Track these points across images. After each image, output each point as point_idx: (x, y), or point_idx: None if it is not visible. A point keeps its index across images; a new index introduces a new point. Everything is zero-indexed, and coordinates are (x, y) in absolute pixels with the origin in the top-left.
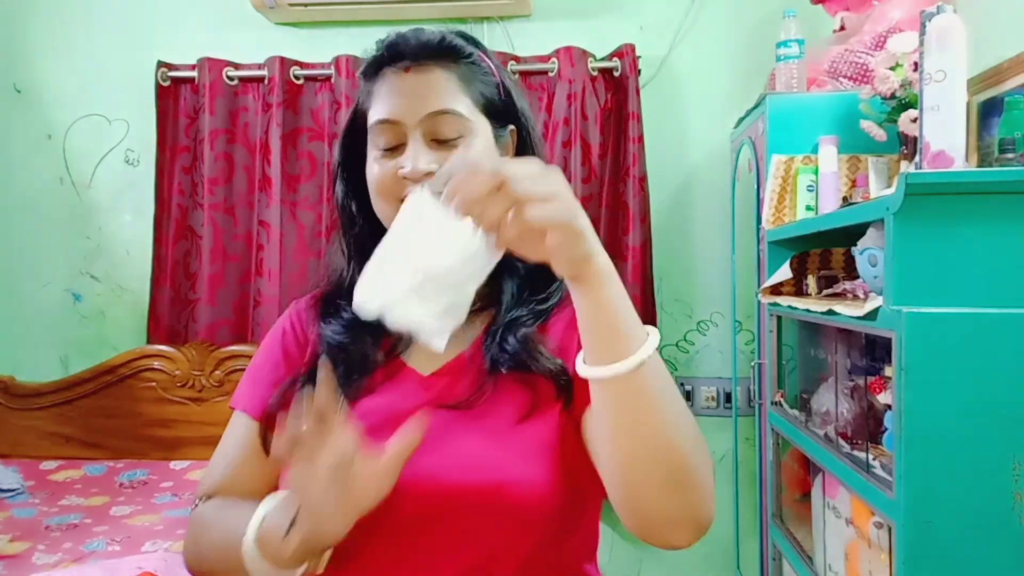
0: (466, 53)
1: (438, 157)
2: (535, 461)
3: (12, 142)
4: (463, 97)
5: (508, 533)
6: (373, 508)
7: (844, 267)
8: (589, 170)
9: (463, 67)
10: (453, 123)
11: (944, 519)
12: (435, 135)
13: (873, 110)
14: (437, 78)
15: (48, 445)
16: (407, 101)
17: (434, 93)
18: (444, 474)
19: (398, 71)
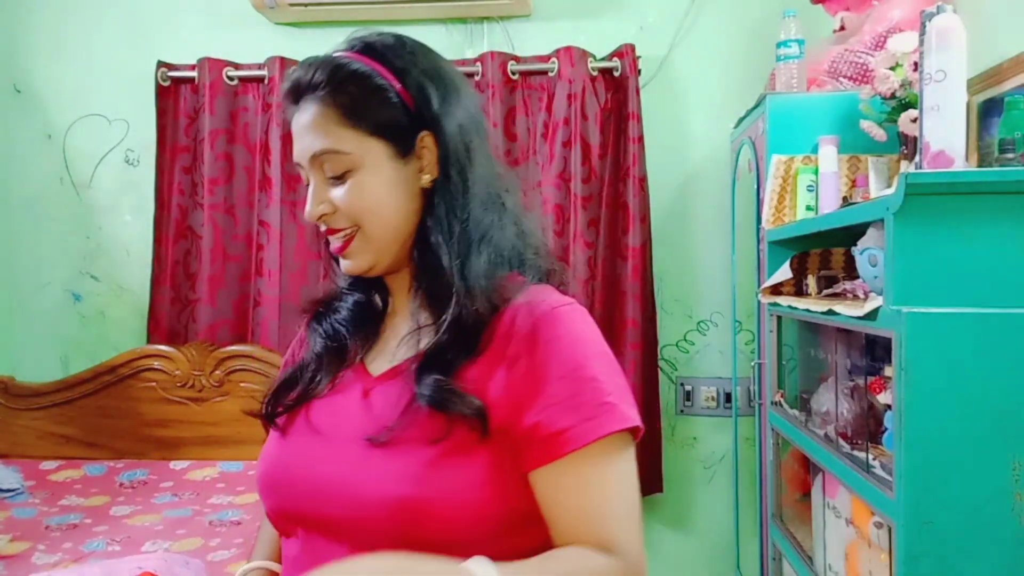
0: (347, 74)
1: (334, 194)
2: (440, 483)
3: (12, 142)
4: (343, 130)
5: (409, 549)
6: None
7: (844, 267)
8: (589, 170)
9: (344, 95)
10: (336, 161)
11: (944, 519)
12: (326, 173)
13: (873, 110)
14: (314, 115)
15: (48, 445)
16: (299, 143)
17: (313, 133)
18: (354, 482)
19: (293, 108)
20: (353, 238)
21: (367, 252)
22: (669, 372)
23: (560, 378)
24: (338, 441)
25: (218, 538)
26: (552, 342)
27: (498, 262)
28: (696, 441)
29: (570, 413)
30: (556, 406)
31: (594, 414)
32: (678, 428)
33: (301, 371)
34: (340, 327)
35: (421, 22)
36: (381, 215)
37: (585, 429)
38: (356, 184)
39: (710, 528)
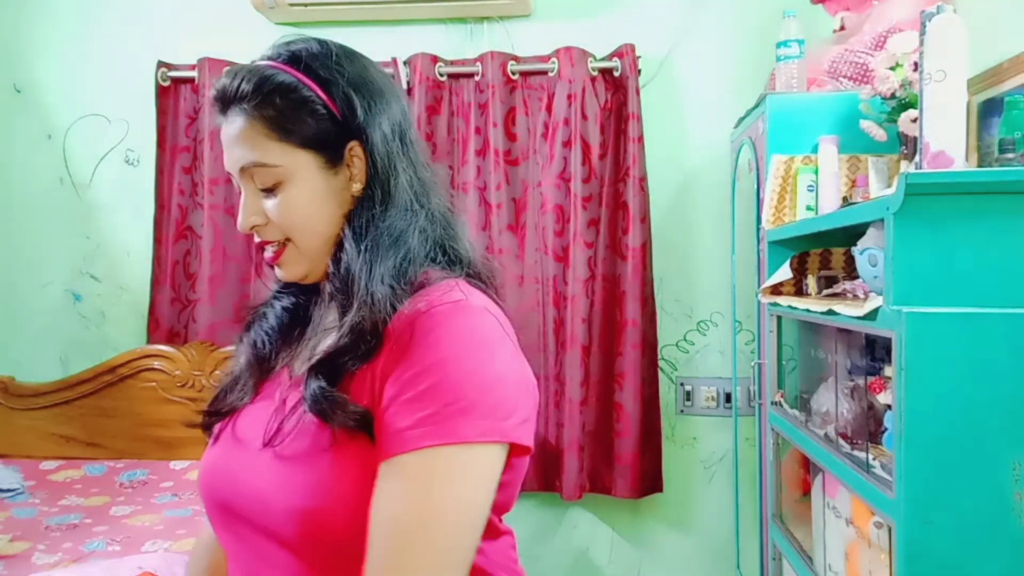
0: (272, 86)
1: (266, 205)
2: (337, 491)
3: (12, 142)
4: (269, 143)
5: (315, 560)
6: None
7: (844, 267)
8: (589, 170)
9: (269, 107)
10: (263, 174)
11: (944, 519)
12: (258, 185)
13: (873, 110)
14: (239, 127)
15: (48, 445)
16: (226, 154)
17: (239, 146)
18: (257, 493)
19: (222, 120)
20: (284, 248)
21: (299, 263)
22: (669, 372)
23: (412, 377)
24: (254, 449)
25: None
26: (412, 343)
27: (406, 267)
28: (696, 441)
29: (404, 417)
30: (396, 405)
31: (423, 423)
32: (678, 428)
33: (234, 380)
34: (265, 335)
35: (421, 22)
36: (310, 227)
37: (409, 436)
38: (286, 197)
39: (710, 528)
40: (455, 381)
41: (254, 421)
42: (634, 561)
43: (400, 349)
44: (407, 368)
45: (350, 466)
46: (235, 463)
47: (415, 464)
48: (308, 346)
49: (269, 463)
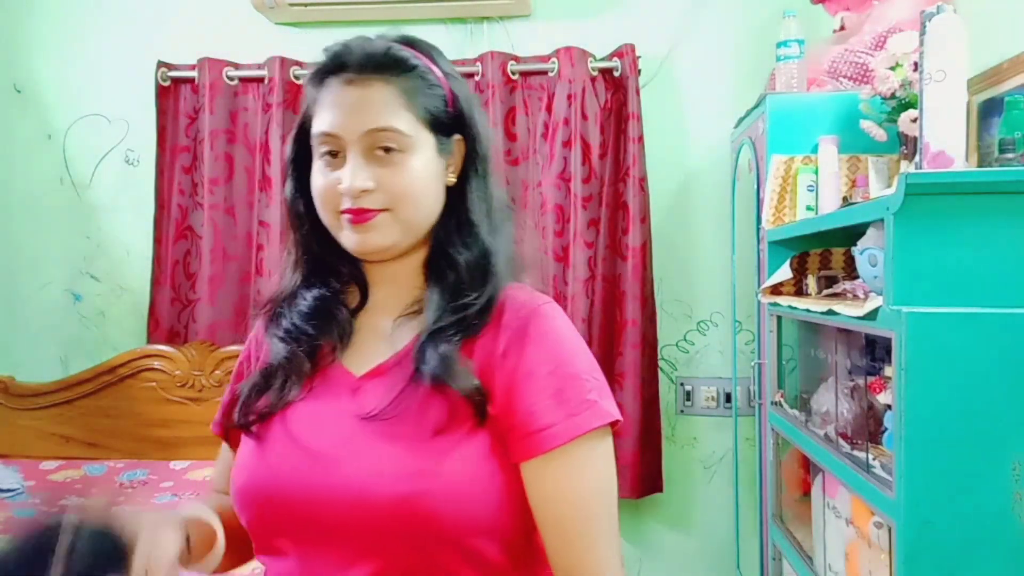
0: (411, 65)
1: (376, 173)
2: (447, 474)
3: (12, 142)
4: (404, 112)
5: (419, 545)
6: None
7: (844, 267)
8: (589, 170)
9: (408, 80)
10: (392, 139)
11: (944, 519)
12: (375, 150)
13: (873, 110)
14: (378, 92)
15: (48, 445)
16: (347, 116)
17: (374, 109)
18: (353, 483)
19: (341, 83)
20: (380, 213)
21: (392, 231)
22: (669, 372)
23: (547, 374)
24: (329, 445)
25: None
26: (539, 339)
27: (512, 257)
28: (696, 441)
29: (556, 409)
30: (543, 402)
31: (578, 411)
32: (678, 428)
33: (269, 376)
34: (304, 325)
35: (421, 22)
36: (420, 199)
37: (570, 425)
38: (406, 165)
39: (710, 528)
40: (585, 373)
41: (318, 417)
42: (634, 561)
43: (520, 341)
44: (543, 363)
45: (460, 450)
46: (305, 462)
47: (581, 450)
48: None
49: (360, 452)
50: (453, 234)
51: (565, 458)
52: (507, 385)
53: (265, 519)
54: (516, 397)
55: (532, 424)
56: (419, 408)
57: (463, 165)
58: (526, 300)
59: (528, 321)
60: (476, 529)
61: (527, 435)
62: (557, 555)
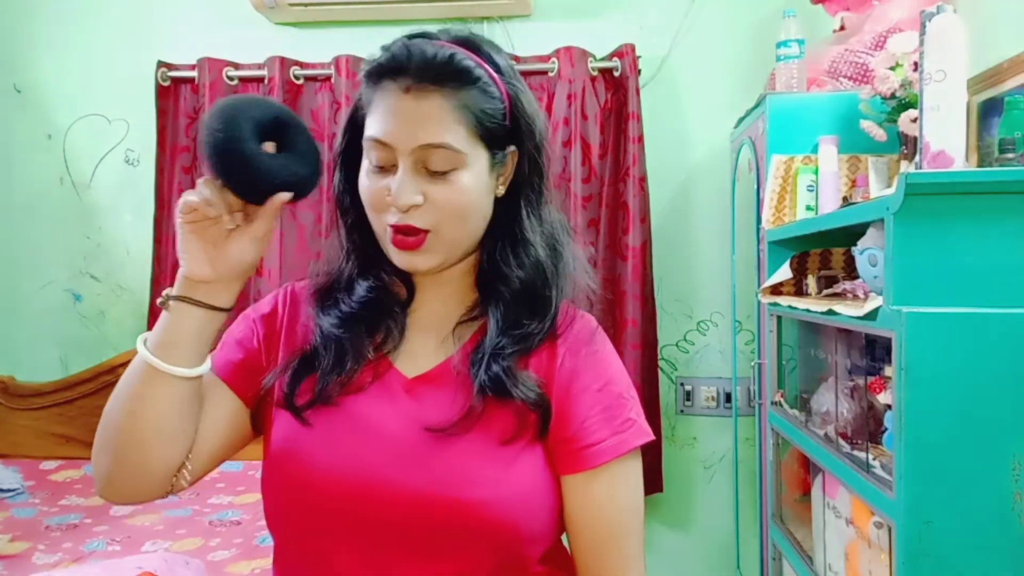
0: (473, 78)
1: (427, 187)
2: (512, 484)
3: (12, 142)
4: (459, 128)
5: (476, 551)
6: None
7: (844, 267)
8: (589, 170)
9: (468, 93)
10: (445, 157)
11: (944, 519)
12: (427, 165)
13: (873, 110)
14: (435, 106)
15: (48, 445)
16: (402, 127)
17: (430, 123)
18: (418, 487)
19: (398, 89)
20: (426, 238)
21: (439, 253)
22: (669, 372)
23: (598, 391)
24: (400, 448)
25: (218, 538)
26: (591, 356)
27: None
28: (696, 441)
29: (604, 426)
30: (594, 418)
31: (623, 428)
32: (678, 428)
33: (319, 356)
34: (362, 313)
35: (421, 22)
36: (469, 217)
37: (617, 443)
38: (458, 183)
39: (710, 528)
40: (627, 392)
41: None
42: None
43: (574, 357)
44: (595, 379)
45: (524, 459)
46: (367, 454)
47: (623, 467)
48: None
49: (428, 454)
50: (506, 248)
51: (608, 474)
52: (562, 398)
53: (323, 515)
54: (570, 411)
55: (584, 439)
56: (484, 418)
57: (515, 178)
58: (577, 317)
59: (580, 337)
60: (530, 537)
61: (578, 450)
62: (589, 565)
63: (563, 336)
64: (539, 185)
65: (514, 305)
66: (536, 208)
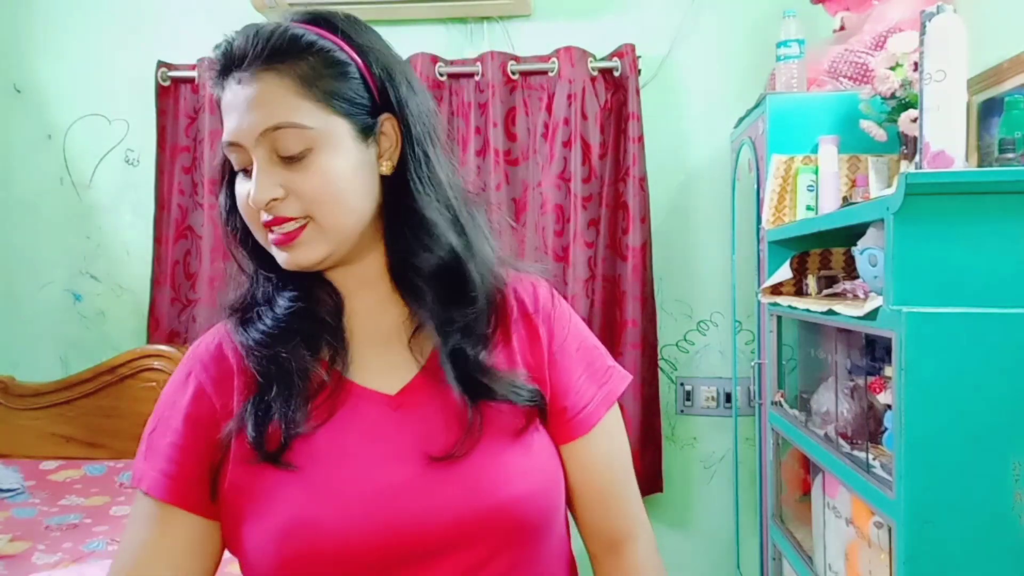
0: (304, 45)
1: (286, 177)
2: (539, 470)
3: (12, 142)
4: (303, 102)
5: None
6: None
7: (844, 267)
8: (589, 170)
9: (303, 64)
10: (294, 137)
11: (944, 519)
12: (278, 152)
13: (873, 110)
14: (269, 87)
15: (48, 445)
16: (241, 119)
17: (266, 106)
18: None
19: (233, 83)
20: (304, 228)
21: (320, 243)
22: (669, 372)
23: (576, 351)
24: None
25: None
26: (561, 320)
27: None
28: (696, 441)
29: (590, 385)
30: (579, 380)
31: (606, 380)
32: (678, 428)
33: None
34: (291, 325)
35: (421, 22)
36: (343, 200)
37: (603, 396)
38: (317, 165)
39: (710, 528)
40: (596, 341)
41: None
42: None
43: (548, 324)
44: (572, 340)
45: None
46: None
47: (612, 420)
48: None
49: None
50: (406, 235)
51: (601, 430)
52: (553, 371)
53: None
54: (562, 381)
55: (575, 405)
56: (486, 419)
57: (402, 149)
58: (537, 285)
59: (544, 303)
60: (549, 523)
61: (573, 417)
62: (596, 520)
63: (535, 309)
64: (426, 152)
65: (439, 297)
66: (427, 179)
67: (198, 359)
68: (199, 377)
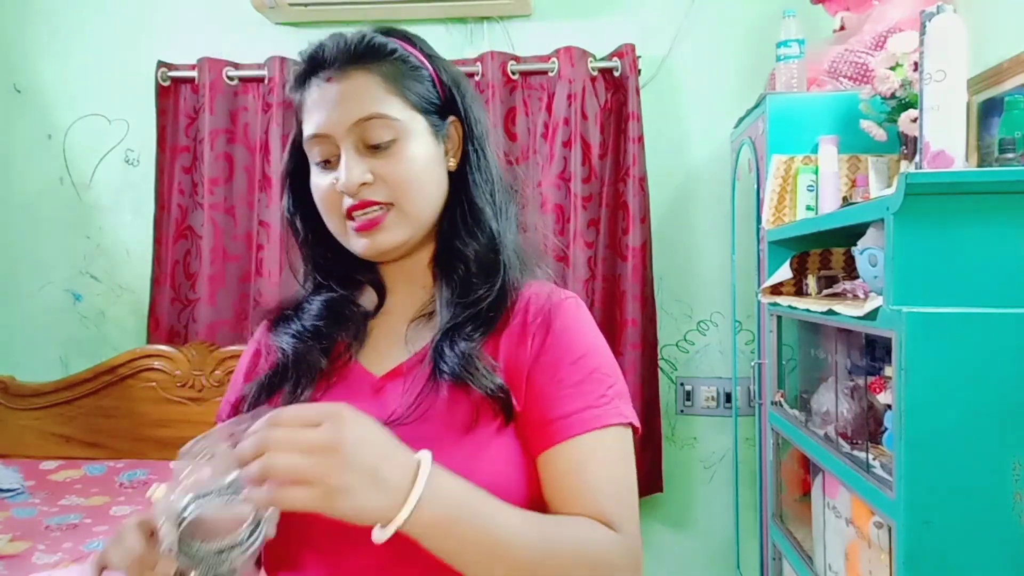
0: (388, 50)
1: (373, 164)
2: (476, 470)
3: (12, 142)
4: (391, 97)
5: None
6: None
7: (844, 267)
8: (589, 170)
9: (388, 66)
10: (383, 127)
11: (944, 519)
12: (367, 141)
13: (873, 110)
14: (360, 83)
15: (48, 445)
16: (332, 112)
17: (358, 99)
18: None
19: (321, 81)
20: (387, 214)
21: (402, 228)
22: (669, 372)
23: (569, 365)
24: None
25: None
26: (562, 331)
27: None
28: (696, 441)
29: (576, 399)
30: (564, 392)
31: (598, 404)
32: (678, 428)
33: (280, 373)
34: (315, 323)
35: (421, 22)
36: (424, 187)
37: (590, 416)
38: (402, 154)
39: (710, 528)
40: (606, 368)
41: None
42: None
43: (543, 333)
44: (565, 354)
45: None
46: None
47: (598, 442)
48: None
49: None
50: (458, 224)
51: (580, 446)
52: (531, 378)
53: (292, 528)
54: (536, 387)
55: (552, 413)
56: (445, 408)
57: (463, 148)
58: (550, 294)
59: (552, 314)
60: None
61: (546, 423)
62: None
63: (535, 316)
64: (481, 150)
65: (466, 281)
66: (484, 174)
67: (261, 329)
68: (259, 341)
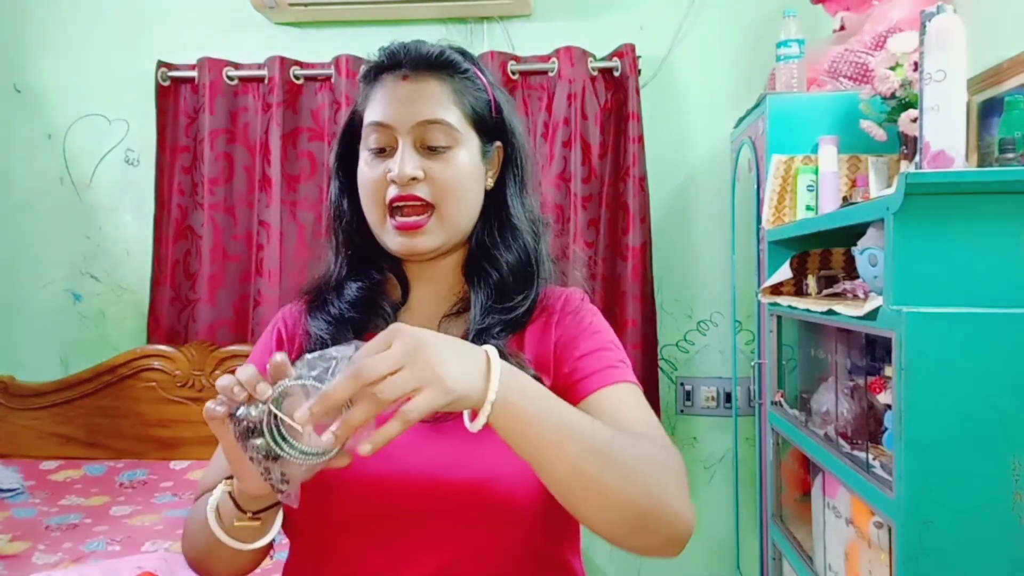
0: (462, 68)
1: (426, 164)
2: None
3: (12, 142)
4: (454, 109)
5: (491, 528)
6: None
7: (844, 267)
8: (589, 170)
9: (458, 81)
10: (442, 132)
11: (944, 519)
12: (425, 142)
13: (873, 110)
14: (432, 88)
15: (48, 445)
16: (401, 107)
17: (427, 102)
18: (429, 471)
19: (396, 78)
20: (429, 218)
21: (440, 233)
22: (669, 372)
23: (588, 337)
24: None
25: None
26: (577, 312)
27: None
28: (696, 441)
29: (597, 361)
30: (584, 357)
31: (616, 365)
32: (678, 428)
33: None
34: (351, 313)
35: (421, 22)
36: (465, 195)
37: (611, 373)
38: (455, 160)
39: (710, 528)
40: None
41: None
42: (634, 560)
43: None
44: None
45: None
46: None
47: (629, 392)
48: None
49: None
50: (496, 236)
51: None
52: (556, 356)
53: (331, 512)
54: (561, 358)
55: (575, 375)
56: None
57: (501, 171)
58: (568, 292)
59: (576, 308)
60: (540, 510)
61: (570, 385)
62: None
63: (555, 313)
64: (523, 178)
65: (500, 288)
66: (522, 199)
67: (284, 315)
68: (279, 327)
